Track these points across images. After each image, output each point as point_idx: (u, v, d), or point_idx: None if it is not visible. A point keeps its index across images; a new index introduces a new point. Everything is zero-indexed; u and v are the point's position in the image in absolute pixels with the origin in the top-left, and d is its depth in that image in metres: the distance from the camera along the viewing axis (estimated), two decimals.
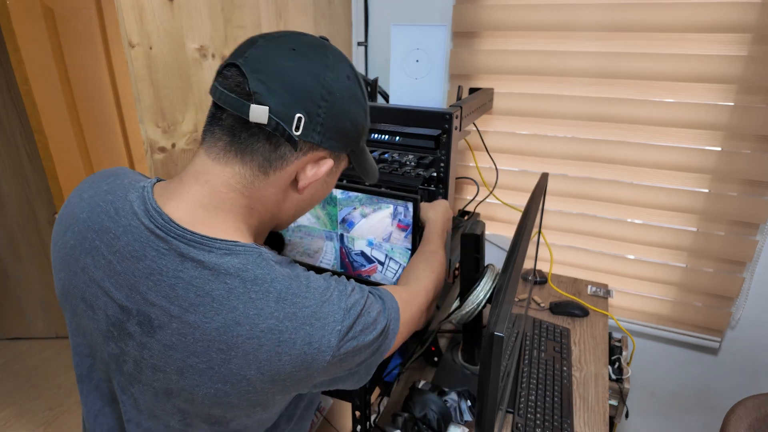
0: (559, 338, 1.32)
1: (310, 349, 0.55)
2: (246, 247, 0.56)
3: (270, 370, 0.54)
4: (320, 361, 0.56)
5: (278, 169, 0.57)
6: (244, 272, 0.54)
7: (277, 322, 0.53)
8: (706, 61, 1.31)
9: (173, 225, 0.54)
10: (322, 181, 0.63)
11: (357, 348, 0.59)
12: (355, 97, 0.60)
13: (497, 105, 1.56)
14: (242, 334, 0.53)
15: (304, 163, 0.59)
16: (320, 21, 1.46)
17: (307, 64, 0.56)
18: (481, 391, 0.74)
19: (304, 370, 0.55)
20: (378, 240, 1.17)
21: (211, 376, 0.54)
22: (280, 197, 0.61)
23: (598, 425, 1.07)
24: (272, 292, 0.54)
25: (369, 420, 1.06)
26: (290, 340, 0.54)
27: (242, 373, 0.54)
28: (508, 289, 0.78)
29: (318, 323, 0.55)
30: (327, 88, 0.56)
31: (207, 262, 0.53)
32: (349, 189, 1.15)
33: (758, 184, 1.39)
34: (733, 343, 1.57)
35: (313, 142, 0.57)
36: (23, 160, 2.04)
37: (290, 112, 0.54)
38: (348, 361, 0.59)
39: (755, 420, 1.22)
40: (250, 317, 0.53)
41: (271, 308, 0.54)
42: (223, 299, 0.53)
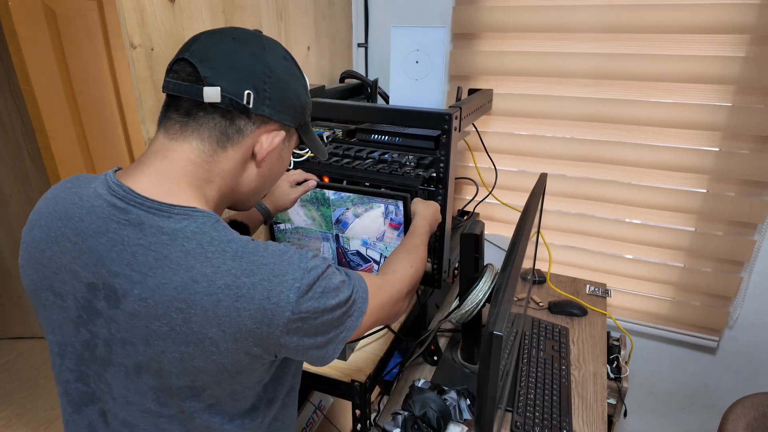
0: (558, 337, 1.32)
1: (268, 303, 0.56)
2: (204, 213, 0.59)
3: (230, 326, 0.55)
4: (280, 317, 0.57)
5: (236, 143, 0.62)
6: (200, 235, 0.56)
7: (234, 279, 0.55)
8: (704, 61, 1.31)
9: (134, 195, 0.58)
10: (277, 154, 0.68)
11: (317, 310, 0.60)
12: (294, 75, 0.67)
13: (496, 106, 1.56)
14: (200, 291, 0.54)
15: (258, 135, 0.64)
16: (320, 22, 1.46)
17: (247, 48, 0.62)
18: (481, 390, 0.75)
19: (265, 326, 0.56)
20: (372, 239, 1.18)
21: (174, 338, 0.55)
22: (239, 169, 0.65)
23: (596, 424, 1.08)
24: (228, 251, 0.56)
25: (369, 418, 1.07)
26: (248, 295, 0.55)
27: (203, 331, 0.55)
28: (507, 289, 0.79)
29: (276, 279, 0.57)
30: (268, 66, 0.62)
31: (165, 228, 0.56)
32: (341, 189, 1.16)
33: (756, 185, 1.39)
34: (731, 342, 1.58)
35: (264, 114, 0.62)
36: (25, 160, 2.04)
37: (240, 89, 0.60)
38: (309, 323, 0.60)
39: (753, 419, 1.23)
40: (207, 275, 0.55)
41: (228, 266, 0.55)
42: (181, 260, 0.55)
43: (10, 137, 1.99)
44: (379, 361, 1.09)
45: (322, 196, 1.18)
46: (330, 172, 1.21)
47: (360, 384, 1.02)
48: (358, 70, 1.71)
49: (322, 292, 0.60)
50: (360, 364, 1.07)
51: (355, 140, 1.31)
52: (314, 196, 1.19)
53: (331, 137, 1.31)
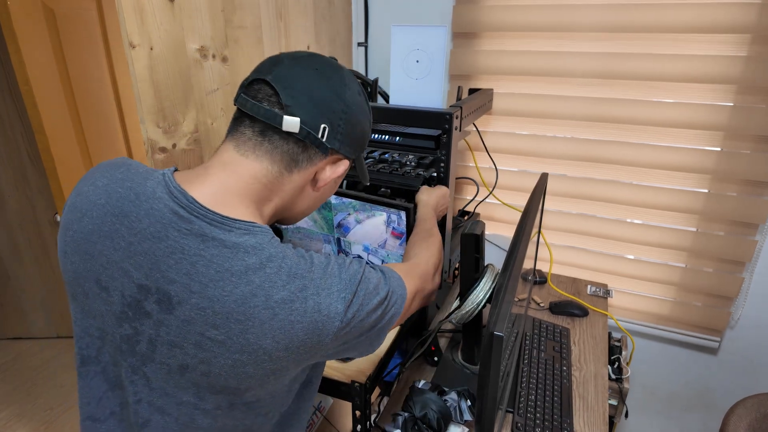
0: (559, 338, 1.32)
1: (320, 316, 0.60)
2: (262, 228, 0.62)
3: (284, 338, 0.59)
4: (330, 327, 0.61)
5: (303, 169, 0.66)
6: (260, 251, 0.59)
7: (289, 294, 0.59)
8: (706, 61, 1.31)
9: (197, 205, 0.59)
10: (333, 181, 0.71)
11: (363, 314, 0.65)
12: (364, 111, 0.70)
13: (497, 105, 1.56)
14: (258, 305, 0.58)
15: (325, 164, 0.68)
16: (320, 22, 1.46)
17: (328, 83, 0.65)
18: (481, 391, 0.74)
19: (316, 336, 0.61)
20: (374, 246, 1.17)
21: (229, 347, 0.59)
22: (298, 192, 0.69)
23: (597, 425, 1.07)
24: (284, 268, 0.60)
25: (369, 419, 1.07)
26: (301, 309, 0.59)
27: (259, 342, 0.59)
28: (507, 289, 0.78)
29: (324, 292, 0.61)
30: (345, 102, 0.66)
31: (227, 241, 0.59)
32: (343, 195, 1.15)
33: (758, 185, 1.39)
34: (732, 342, 1.57)
35: (334, 147, 0.67)
36: (24, 160, 2.04)
37: (317, 122, 0.64)
38: (356, 327, 0.65)
39: (755, 419, 1.22)
40: (265, 289, 0.58)
41: (283, 281, 0.59)
42: (242, 274, 0.58)
43: (9, 137, 1.99)
44: (379, 361, 1.09)
45: None
46: None
47: (360, 385, 1.02)
48: (358, 69, 1.70)
49: (365, 296, 0.65)
50: (360, 365, 1.07)
51: None
52: None
53: None
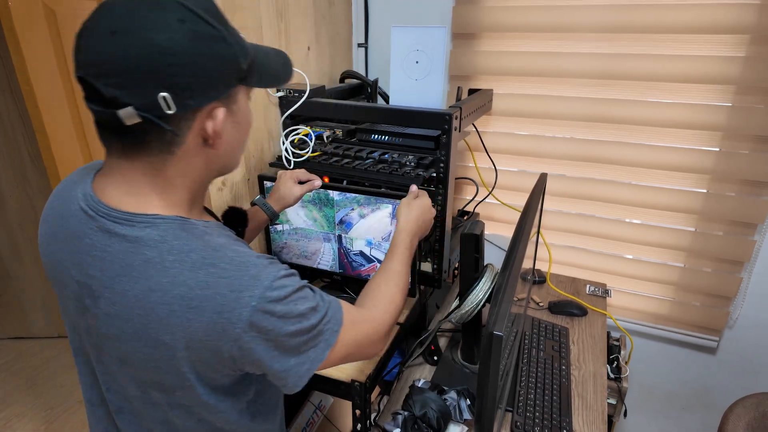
0: (558, 337, 1.32)
1: (220, 318, 0.56)
2: (166, 219, 0.59)
3: (182, 335, 0.57)
4: (230, 333, 0.56)
5: (180, 143, 0.58)
6: (161, 243, 0.57)
7: (188, 290, 0.56)
8: (705, 61, 1.31)
9: (101, 205, 0.59)
10: (230, 124, 0.61)
11: (274, 333, 0.58)
12: (201, 36, 0.53)
13: (496, 106, 1.56)
14: (156, 300, 0.56)
15: (200, 124, 0.57)
16: (320, 22, 1.46)
17: (133, 41, 0.51)
18: (481, 390, 0.75)
19: (215, 339, 0.57)
20: (377, 239, 1.17)
21: (138, 340, 0.58)
22: (199, 161, 0.61)
23: (596, 424, 1.08)
24: (187, 261, 0.57)
25: (369, 418, 1.07)
26: (200, 307, 0.56)
27: (160, 337, 0.57)
28: (507, 289, 0.79)
29: (232, 295, 0.56)
30: (166, 51, 0.51)
31: (129, 236, 0.57)
32: (346, 190, 1.16)
33: (756, 185, 1.39)
34: (731, 342, 1.58)
35: (191, 107, 0.55)
36: (25, 160, 2.04)
37: (151, 98, 0.52)
38: (263, 345, 0.58)
39: (753, 419, 1.23)
40: (163, 285, 0.56)
41: (184, 276, 0.56)
42: (142, 269, 0.56)
43: (9, 137, 1.99)
44: (379, 361, 1.09)
45: (326, 197, 1.18)
46: (330, 172, 1.21)
47: (360, 384, 1.02)
48: (358, 70, 1.71)
49: (283, 316, 0.58)
50: (360, 364, 1.07)
51: (355, 140, 1.31)
52: (317, 196, 1.19)
53: (331, 137, 1.31)
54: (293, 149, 1.24)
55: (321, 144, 1.29)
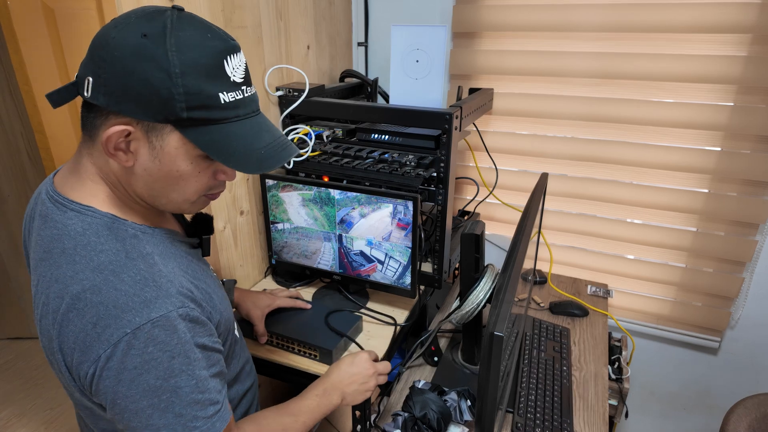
0: (559, 338, 1.32)
1: (92, 330, 0.53)
2: (97, 213, 0.58)
3: (59, 334, 0.55)
4: (93, 350, 0.53)
5: (95, 135, 0.58)
6: (81, 236, 0.57)
7: (81, 290, 0.54)
8: (706, 61, 1.31)
9: (51, 188, 0.61)
10: (148, 151, 0.57)
11: (128, 378, 0.53)
12: (146, 56, 0.53)
13: (497, 105, 1.56)
14: (54, 292, 0.55)
15: (108, 129, 0.55)
16: (320, 21, 1.46)
17: (103, 28, 0.55)
18: (481, 391, 0.74)
19: (80, 351, 0.54)
20: (377, 239, 1.17)
21: (40, 328, 0.58)
22: (118, 168, 0.60)
23: (597, 425, 1.07)
24: (94, 260, 0.55)
25: (369, 419, 1.06)
26: (81, 310, 0.53)
27: (49, 331, 0.56)
28: (507, 289, 0.78)
29: (115, 311, 0.53)
30: (108, 47, 0.53)
31: (59, 222, 0.58)
32: (347, 189, 1.15)
33: (758, 184, 1.39)
34: (732, 342, 1.57)
35: (100, 104, 0.54)
36: (24, 160, 2.04)
37: (84, 75, 0.55)
38: (125, 380, 0.53)
39: (755, 419, 1.22)
40: (66, 278, 0.55)
41: (85, 275, 0.54)
42: (57, 257, 0.56)
43: (8, 137, 1.99)
44: None
45: (327, 196, 1.17)
46: (330, 171, 1.21)
47: None
48: (358, 69, 1.70)
49: (144, 363, 0.53)
50: None
51: (355, 140, 1.31)
52: (318, 195, 1.18)
53: (330, 136, 1.31)
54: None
55: (321, 143, 1.29)
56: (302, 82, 1.28)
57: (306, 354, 1.07)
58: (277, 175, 1.23)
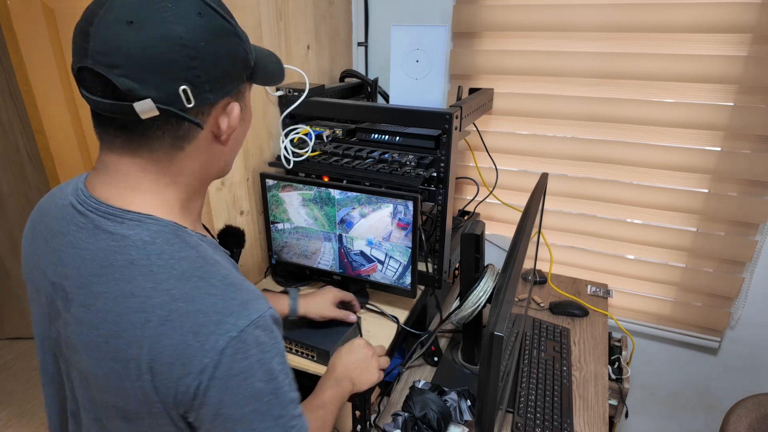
0: (559, 338, 1.32)
1: (194, 340, 0.50)
2: (160, 222, 0.55)
3: (150, 351, 0.51)
4: (198, 361, 0.50)
5: (192, 139, 0.56)
6: (151, 245, 0.53)
7: (170, 300, 0.51)
8: (706, 61, 1.31)
9: (92, 200, 0.55)
10: (240, 117, 0.60)
11: (245, 374, 0.51)
12: (218, 31, 0.53)
13: (497, 105, 1.56)
14: (133, 306, 0.51)
15: (214, 119, 0.56)
16: (320, 21, 1.46)
17: (153, 33, 0.49)
18: (481, 391, 0.74)
19: (180, 365, 0.50)
20: (378, 239, 1.17)
21: (106, 351, 0.53)
22: (205, 158, 0.59)
23: (597, 425, 1.07)
24: (176, 269, 0.52)
25: (369, 419, 1.07)
26: (176, 322, 0.50)
27: (129, 350, 0.51)
28: (507, 289, 0.78)
29: (216, 316, 0.51)
30: (187, 45, 0.50)
31: (116, 234, 0.53)
32: (347, 189, 1.15)
33: (758, 184, 1.39)
34: (732, 342, 1.57)
35: (208, 102, 0.54)
36: (23, 159, 2.04)
37: (171, 90, 0.50)
38: (232, 387, 0.51)
39: (755, 420, 1.22)
40: (145, 290, 0.51)
41: (169, 285, 0.51)
42: (124, 270, 0.52)
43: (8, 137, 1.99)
44: None
45: (327, 196, 1.17)
46: (330, 171, 1.20)
47: None
48: (358, 69, 1.70)
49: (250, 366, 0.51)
50: None
51: (355, 140, 1.31)
52: (318, 195, 1.18)
53: (331, 137, 1.30)
54: (293, 148, 1.24)
55: (321, 143, 1.29)
56: (302, 82, 1.28)
57: (304, 354, 1.07)
58: (277, 175, 1.23)
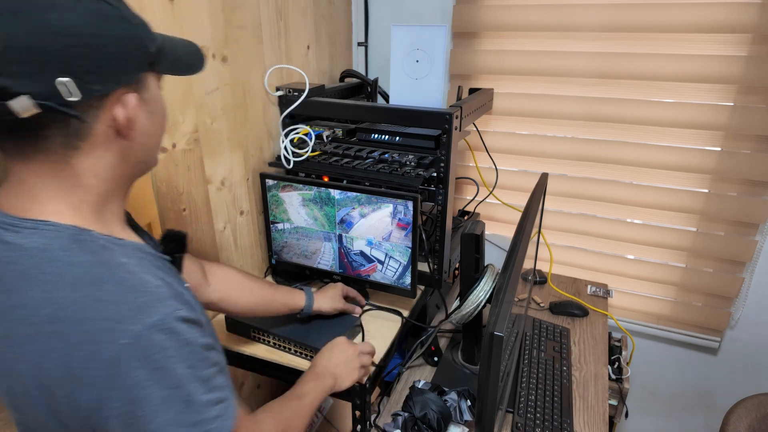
0: (559, 338, 1.32)
1: (80, 352, 0.46)
2: (58, 227, 0.51)
3: (37, 369, 0.47)
4: (88, 377, 0.47)
5: (87, 137, 0.51)
6: (43, 252, 0.49)
7: (58, 310, 0.47)
8: (706, 61, 1.31)
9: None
10: (144, 109, 0.55)
11: (144, 385, 0.48)
12: (99, 16, 0.48)
13: (497, 105, 1.56)
14: (19, 318, 0.48)
15: (109, 114, 0.52)
16: (320, 21, 1.46)
17: (24, 23, 0.45)
18: (481, 391, 0.74)
19: (70, 383, 0.47)
20: (378, 239, 1.17)
21: (2, 368, 0.50)
22: (111, 156, 0.54)
23: (597, 425, 1.07)
24: (68, 276, 0.48)
25: (369, 419, 1.06)
26: (63, 333, 0.47)
27: (15, 366, 0.48)
28: (507, 289, 0.78)
29: (106, 324, 0.47)
30: (63, 33, 0.46)
31: (13, 243, 0.50)
32: (347, 189, 1.15)
33: (758, 184, 1.39)
34: (732, 342, 1.57)
35: (99, 93, 0.50)
36: None
37: (50, 85, 0.46)
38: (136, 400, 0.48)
39: (755, 420, 1.22)
40: (33, 300, 0.48)
41: (60, 294, 0.48)
42: (16, 280, 0.49)
43: None
44: (379, 362, 1.09)
45: (327, 196, 1.17)
46: (330, 171, 1.21)
47: (360, 385, 1.02)
48: (358, 69, 1.70)
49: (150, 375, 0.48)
50: None
51: (355, 140, 1.31)
52: (318, 195, 1.18)
53: (331, 136, 1.30)
54: (293, 148, 1.24)
55: (321, 143, 1.29)
56: (302, 82, 1.28)
57: (302, 354, 1.07)
58: (277, 175, 1.23)
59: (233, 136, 1.16)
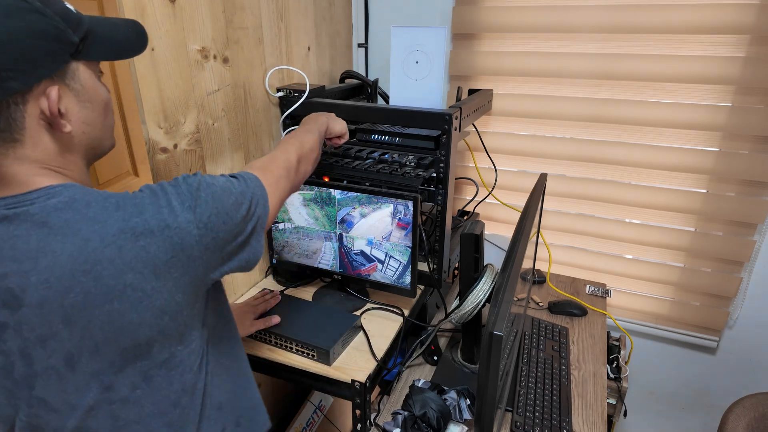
0: (558, 337, 1.32)
1: (170, 231, 0.55)
2: (65, 185, 0.55)
3: (144, 265, 0.54)
4: (188, 238, 0.57)
5: (21, 130, 0.52)
6: (74, 203, 0.54)
7: (124, 223, 0.54)
8: (704, 62, 1.31)
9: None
10: (74, 99, 0.56)
11: (222, 215, 0.60)
12: (6, 11, 0.48)
13: (496, 106, 1.57)
14: (97, 247, 0.52)
15: (35, 107, 0.52)
16: (321, 22, 1.46)
17: None
18: (481, 390, 0.75)
19: (180, 251, 0.57)
20: (378, 239, 1.18)
21: (94, 302, 0.53)
22: (54, 145, 0.56)
23: (596, 424, 1.08)
24: (110, 204, 0.54)
25: (369, 418, 1.07)
26: (147, 230, 0.54)
27: (120, 280, 0.53)
28: (507, 289, 0.79)
29: (166, 209, 0.56)
30: None
31: (33, 213, 0.52)
32: (348, 189, 1.16)
33: (756, 185, 1.39)
34: (730, 342, 1.58)
35: (14, 89, 0.50)
36: None
37: None
38: (221, 229, 0.60)
39: (753, 419, 1.23)
40: (96, 231, 0.52)
41: (115, 216, 0.54)
42: (64, 228, 0.52)
43: None
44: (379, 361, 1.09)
45: (328, 196, 1.18)
46: (330, 171, 1.21)
47: (360, 384, 1.02)
48: (358, 70, 1.71)
49: (213, 197, 0.60)
50: (360, 363, 1.07)
51: (355, 140, 1.31)
52: (319, 195, 1.19)
53: None
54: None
55: None
56: (303, 83, 1.28)
57: (304, 353, 1.08)
58: None
59: (234, 136, 1.17)
